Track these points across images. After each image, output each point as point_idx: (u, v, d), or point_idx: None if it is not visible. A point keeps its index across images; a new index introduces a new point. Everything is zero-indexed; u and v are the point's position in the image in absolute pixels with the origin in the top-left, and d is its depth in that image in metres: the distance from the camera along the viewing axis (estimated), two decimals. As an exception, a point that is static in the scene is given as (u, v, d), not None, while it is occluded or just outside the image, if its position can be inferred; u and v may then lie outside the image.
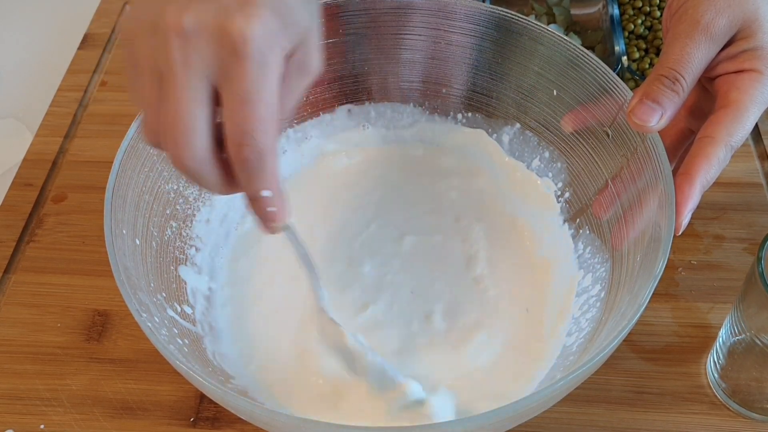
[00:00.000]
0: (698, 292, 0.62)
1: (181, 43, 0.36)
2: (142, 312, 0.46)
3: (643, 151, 0.51)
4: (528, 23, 0.58)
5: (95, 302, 0.63)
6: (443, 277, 0.59)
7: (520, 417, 0.46)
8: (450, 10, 0.60)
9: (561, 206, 0.61)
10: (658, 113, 0.48)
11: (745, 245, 0.65)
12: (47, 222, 0.68)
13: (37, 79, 0.83)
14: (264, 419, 0.44)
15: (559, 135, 0.60)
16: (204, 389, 0.44)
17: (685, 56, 0.48)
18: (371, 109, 0.65)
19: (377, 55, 0.62)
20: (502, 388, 0.52)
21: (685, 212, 0.47)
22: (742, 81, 0.48)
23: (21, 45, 0.88)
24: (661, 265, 0.45)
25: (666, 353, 0.59)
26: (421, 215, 0.63)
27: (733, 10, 0.48)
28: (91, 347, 0.60)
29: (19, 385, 0.58)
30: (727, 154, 0.48)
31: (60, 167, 0.72)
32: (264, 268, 0.60)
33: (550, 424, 0.55)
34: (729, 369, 0.55)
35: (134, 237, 0.51)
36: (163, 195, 0.56)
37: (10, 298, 0.63)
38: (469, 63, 0.62)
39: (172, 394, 0.57)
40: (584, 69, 0.56)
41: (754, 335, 0.51)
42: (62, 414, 0.57)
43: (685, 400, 0.56)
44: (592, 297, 0.54)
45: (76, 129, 0.75)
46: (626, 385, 0.57)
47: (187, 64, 0.36)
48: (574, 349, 0.52)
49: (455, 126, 0.65)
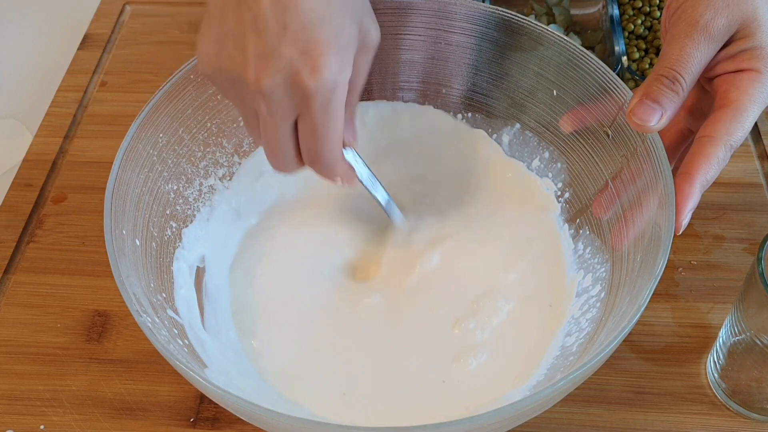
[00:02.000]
0: (698, 293, 0.62)
1: (265, 102, 0.45)
2: (141, 312, 0.46)
3: (643, 151, 0.51)
4: (528, 23, 0.58)
5: (95, 303, 0.63)
6: (439, 275, 0.59)
7: (520, 417, 0.46)
8: (450, 11, 0.60)
9: (561, 206, 0.61)
10: (658, 113, 0.48)
11: (745, 245, 0.65)
12: (47, 222, 0.68)
13: (37, 79, 0.83)
14: (264, 419, 0.44)
15: (559, 135, 0.60)
16: (204, 390, 0.44)
17: (685, 56, 0.48)
18: (371, 109, 0.65)
19: (377, 55, 0.62)
20: (502, 388, 0.52)
21: (685, 212, 0.47)
22: (741, 80, 0.48)
23: (21, 45, 0.88)
24: (661, 266, 0.45)
25: (666, 353, 0.59)
26: (420, 215, 0.62)
27: (731, 10, 0.48)
28: (91, 348, 0.60)
29: (19, 385, 0.58)
30: (727, 154, 0.48)
31: (60, 168, 0.72)
32: (266, 267, 0.60)
33: (550, 425, 0.55)
34: (729, 369, 0.55)
35: (134, 237, 0.51)
36: (163, 195, 0.56)
37: (10, 299, 0.63)
38: (469, 63, 0.62)
39: (172, 395, 0.57)
40: (584, 69, 0.56)
41: (754, 335, 0.51)
42: (62, 414, 0.57)
43: (685, 401, 0.56)
44: (592, 297, 0.54)
45: (76, 129, 0.75)
46: (626, 386, 0.57)
47: (273, 114, 0.46)
48: (574, 350, 0.52)
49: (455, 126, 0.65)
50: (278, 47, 0.43)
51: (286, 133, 0.48)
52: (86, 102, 0.78)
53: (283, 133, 0.47)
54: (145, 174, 0.54)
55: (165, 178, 0.56)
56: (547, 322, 0.56)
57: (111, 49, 0.83)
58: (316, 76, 0.43)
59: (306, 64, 0.43)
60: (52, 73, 0.81)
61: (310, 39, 0.43)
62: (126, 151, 0.52)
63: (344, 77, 0.45)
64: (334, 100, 0.45)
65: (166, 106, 0.55)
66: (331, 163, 0.49)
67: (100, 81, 0.80)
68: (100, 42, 0.83)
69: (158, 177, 0.56)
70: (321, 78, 0.44)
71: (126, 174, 0.52)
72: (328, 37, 0.44)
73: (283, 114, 0.46)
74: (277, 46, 0.43)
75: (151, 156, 0.55)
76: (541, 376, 0.52)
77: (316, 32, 0.43)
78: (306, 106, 0.45)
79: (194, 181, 0.59)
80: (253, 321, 0.57)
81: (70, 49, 0.83)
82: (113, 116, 0.76)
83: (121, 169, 0.51)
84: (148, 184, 0.54)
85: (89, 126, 0.76)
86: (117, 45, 0.83)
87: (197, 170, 0.59)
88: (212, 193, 0.61)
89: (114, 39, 0.84)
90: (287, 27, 0.43)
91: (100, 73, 0.81)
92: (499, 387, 0.53)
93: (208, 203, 0.60)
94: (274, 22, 0.43)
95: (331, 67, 0.44)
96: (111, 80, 0.80)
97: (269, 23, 0.43)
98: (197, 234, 0.59)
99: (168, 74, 0.56)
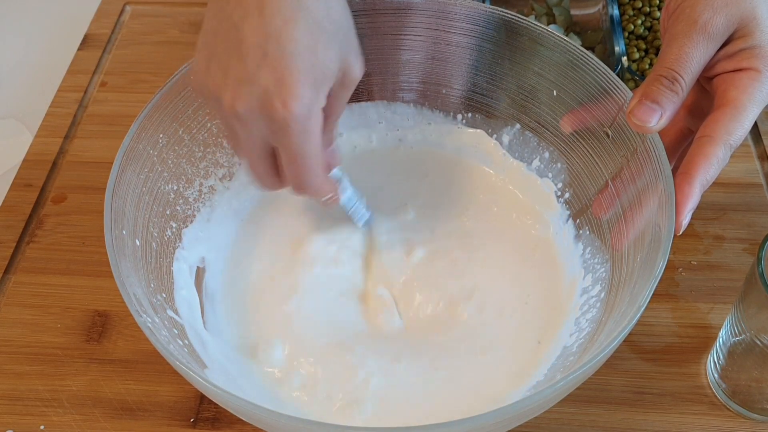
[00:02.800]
0: (698, 293, 0.62)
1: (240, 124, 0.47)
2: (141, 312, 0.46)
3: (643, 151, 0.51)
4: (528, 24, 0.58)
5: (95, 303, 0.63)
6: (441, 275, 0.59)
7: (521, 417, 0.46)
8: (450, 11, 0.60)
9: (561, 207, 0.61)
10: (658, 113, 0.48)
11: (745, 245, 0.65)
12: (47, 223, 0.68)
13: (37, 79, 0.83)
14: (264, 420, 0.44)
15: (559, 135, 0.60)
16: (204, 390, 0.44)
17: (684, 56, 0.48)
18: (371, 109, 0.65)
19: (377, 55, 0.62)
20: (502, 389, 0.52)
21: (685, 212, 0.47)
22: (740, 80, 0.48)
23: (21, 45, 0.88)
24: (661, 266, 0.45)
25: (666, 354, 0.59)
26: (419, 215, 0.62)
27: (730, 9, 0.48)
28: (91, 348, 0.60)
29: (19, 385, 0.58)
30: (727, 153, 0.48)
31: (60, 168, 0.72)
32: (266, 268, 0.60)
33: (550, 425, 0.55)
34: (729, 369, 0.55)
35: (134, 237, 0.51)
36: (163, 196, 0.56)
37: (10, 299, 0.63)
38: (469, 63, 0.62)
39: (172, 395, 0.57)
40: (584, 69, 0.56)
41: (754, 336, 0.51)
42: (62, 415, 0.57)
43: (685, 401, 0.56)
44: (592, 297, 0.54)
45: (76, 129, 0.75)
46: (626, 386, 0.57)
47: (249, 137, 0.48)
48: (574, 350, 0.52)
49: (455, 126, 0.65)
50: (256, 74, 0.44)
51: (263, 155, 0.49)
52: (86, 102, 0.78)
53: (261, 155, 0.49)
54: (145, 174, 0.54)
55: (165, 178, 0.56)
56: (547, 322, 0.56)
57: (111, 50, 0.83)
58: (288, 107, 0.45)
59: (279, 95, 0.44)
60: (52, 74, 0.81)
61: (288, 68, 0.44)
62: (126, 151, 0.52)
63: (317, 108, 0.46)
64: (308, 130, 0.46)
65: (166, 106, 0.56)
66: (315, 187, 0.51)
67: (100, 81, 0.80)
68: (100, 42, 0.83)
69: (158, 177, 0.56)
70: (293, 109, 0.45)
71: (126, 174, 0.52)
72: (306, 68, 0.45)
73: (258, 137, 0.47)
74: (255, 72, 0.44)
75: (151, 156, 0.55)
76: (541, 376, 0.52)
77: (295, 62, 0.44)
78: (281, 135, 0.46)
79: (194, 181, 0.59)
80: (253, 321, 0.57)
81: (70, 49, 0.83)
82: (113, 116, 0.76)
83: (121, 170, 0.51)
84: (148, 185, 0.54)
85: (89, 126, 0.76)
86: (117, 45, 0.83)
87: (197, 170, 0.59)
88: (212, 194, 0.61)
89: (114, 39, 0.84)
90: (267, 55, 0.44)
91: (100, 73, 0.81)
92: (499, 387, 0.53)
93: (208, 203, 0.60)
94: (257, 48, 0.44)
95: (304, 100, 0.45)
96: (111, 80, 0.80)
97: (252, 49, 0.44)
98: (197, 234, 0.59)
99: (168, 74, 0.56)
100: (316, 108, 0.46)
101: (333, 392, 0.53)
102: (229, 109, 0.46)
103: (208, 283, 0.58)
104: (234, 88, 0.45)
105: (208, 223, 0.60)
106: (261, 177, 0.51)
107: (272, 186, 0.52)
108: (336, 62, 0.47)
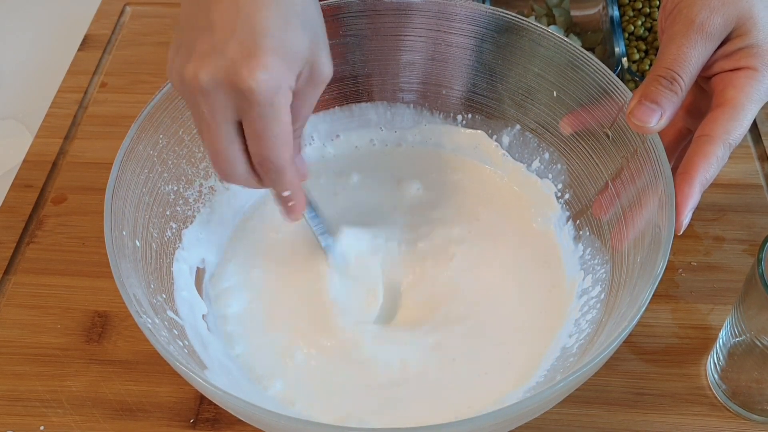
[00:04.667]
0: (698, 294, 0.62)
1: (203, 99, 0.44)
2: (141, 313, 0.46)
3: (643, 152, 0.51)
4: (528, 24, 0.58)
5: (95, 303, 0.63)
6: (440, 277, 0.59)
7: (521, 418, 0.46)
8: (450, 12, 0.60)
9: (561, 207, 0.61)
10: (658, 114, 0.48)
11: (745, 246, 0.65)
12: (47, 223, 0.68)
13: (37, 80, 0.83)
14: (264, 420, 0.44)
15: (559, 136, 0.60)
16: (204, 391, 0.44)
17: (682, 56, 0.48)
18: (371, 110, 0.65)
19: (377, 56, 0.62)
20: (502, 389, 0.52)
21: (685, 212, 0.47)
22: (738, 79, 0.48)
23: (21, 46, 0.88)
24: (661, 267, 0.45)
25: (666, 355, 0.59)
26: (419, 217, 0.62)
27: (727, 9, 0.48)
28: (91, 348, 0.60)
29: (19, 386, 0.58)
30: (726, 153, 0.48)
31: (60, 168, 0.72)
32: (266, 268, 0.60)
33: (550, 425, 0.55)
34: (729, 370, 0.55)
35: (134, 238, 0.51)
36: (163, 196, 0.56)
37: (10, 300, 0.63)
38: (469, 64, 0.62)
39: (172, 396, 0.57)
40: (584, 70, 0.56)
41: (755, 336, 0.51)
42: (62, 415, 0.57)
43: (685, 402, 0.56)
44: (592, 298, 0.54)
45: (76, 130, 0.75)
46: (626, 387, 0.57)
47: (213, 113, 0.44)
48: (574, 351, 0.52)
49: (455, 127, 0.65)
50: (224, 47, 0.43)
51: (228, 136, 0.46)
52: (86, 103, 0.78)
53: (224, 135, 0.45)
54: (145, 175, 0.54)
55: (165, 179, 0.56)
56: (547, 323, 0.56)
57: (111, 50, 0.83)
58: (255, 76, 0.42)
59: (247, 65, 0.42)
60: (53, 74, 0.81)
61: (257, 44, 0.43)
62: (126, 151, 0.52)
63: (285, 84, 0.44)
64: (276, 104, 0.44)
65: (166, 107, 0.56)
66: (279, 169, 0.47)
67: (100, 82, 0.80)
68: (101, 43, 0.83)
69: (158, 178, 0.56)
70: (261, 79, 0.42)
71: (126, 175, 0.52)
72: (275, 45, 0.43)
73: (223, 113, 0.44)
74: (222, 46, 0.43)
75: (151, 157, 0.55)
76: (541, 377, 0.52)
77: (265, 41, 0.43)
78: (247, 107, 0.44)
79: (194, 182, 0.59)
80: (253, 321, 0.57)
81: (70, 49, 0.83)
82: (113, 117, 0.76)
83: (121, 170, 0.51)
84: (148, 185, 0.54)
85: (89, 127, 0.76)
86: (117, 46, 0.83)
87: (197, 171, 0.59)
88: (212, 194, 0.61)
89: (114, 40, 0.84)
90: (236, 31, 0.43)
91: (100, 74, 0.81)
92: (499, 388, 0.53)
93: (208, 204, 0.60)
94: (225, 26, 0.43)
95: (272, 71, 0.43)
96: (111, 81, 0.80)
97: (220, 27, 0.43)
98: (197, 235, 0.59)
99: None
100: (285, 85, 0.44)
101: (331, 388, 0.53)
102: (192, 81, 0.43)
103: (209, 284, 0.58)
104: (198, 61, 0.43)
105: (208, 223, 0.60)
106: (225, 162, 0.47)
107: (235, 176, 0.47)
108: (306, 48, 0.45)
